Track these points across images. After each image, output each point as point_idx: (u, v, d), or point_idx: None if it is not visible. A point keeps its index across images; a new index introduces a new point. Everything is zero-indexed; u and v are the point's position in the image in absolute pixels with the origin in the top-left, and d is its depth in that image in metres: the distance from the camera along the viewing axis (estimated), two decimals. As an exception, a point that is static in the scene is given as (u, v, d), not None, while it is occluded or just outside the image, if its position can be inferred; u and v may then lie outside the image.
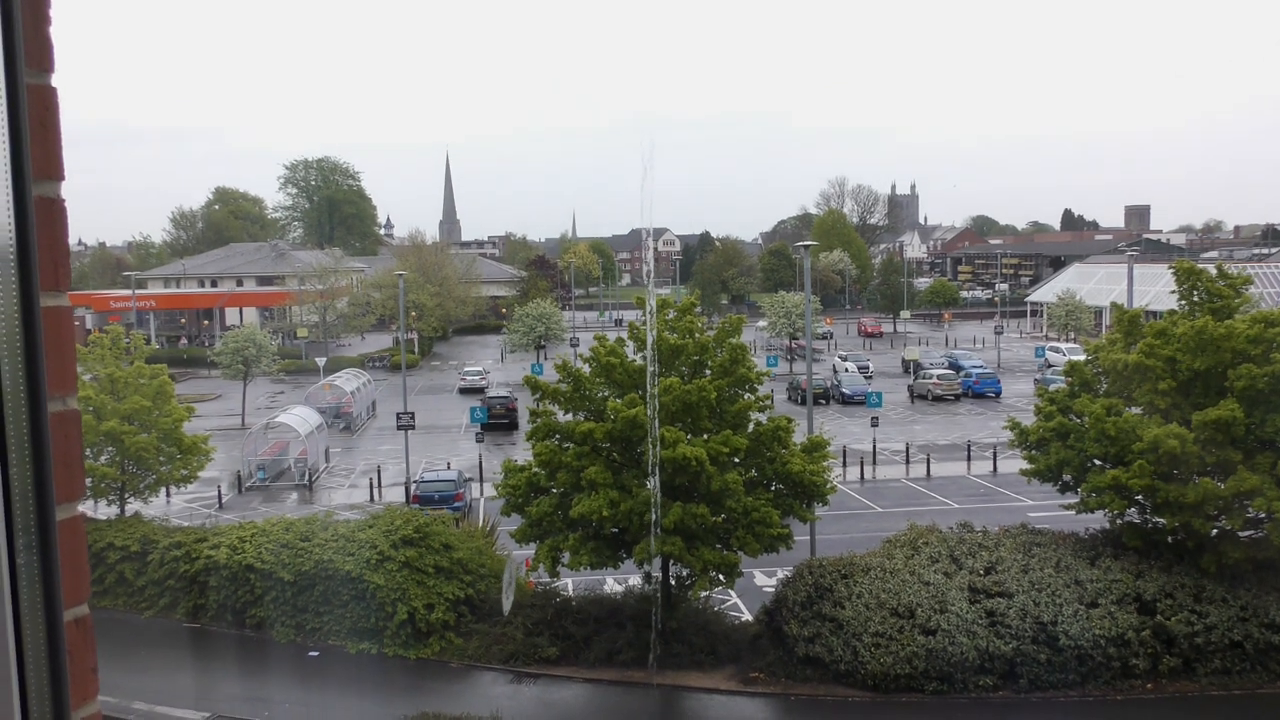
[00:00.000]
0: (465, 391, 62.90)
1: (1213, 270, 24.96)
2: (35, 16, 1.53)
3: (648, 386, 20.90)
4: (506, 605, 22.22)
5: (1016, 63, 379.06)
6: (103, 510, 29.23)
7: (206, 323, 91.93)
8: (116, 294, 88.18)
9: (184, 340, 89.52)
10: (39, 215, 1.49)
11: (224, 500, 37.50)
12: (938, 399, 57.63)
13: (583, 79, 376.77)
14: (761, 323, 77.77)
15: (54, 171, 1.57)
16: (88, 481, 27.27)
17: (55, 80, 1.59)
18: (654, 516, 19.94)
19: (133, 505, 29.39)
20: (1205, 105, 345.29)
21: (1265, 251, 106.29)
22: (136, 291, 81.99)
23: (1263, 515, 21.07)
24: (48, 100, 1.57)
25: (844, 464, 39.15)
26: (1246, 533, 21.79)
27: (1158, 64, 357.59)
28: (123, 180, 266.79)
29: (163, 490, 32.10)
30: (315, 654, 23.43)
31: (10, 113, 1.45)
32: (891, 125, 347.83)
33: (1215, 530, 21.80)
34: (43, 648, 1.46)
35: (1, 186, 1.44)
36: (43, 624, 1.46)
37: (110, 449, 28.15)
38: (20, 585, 1.44)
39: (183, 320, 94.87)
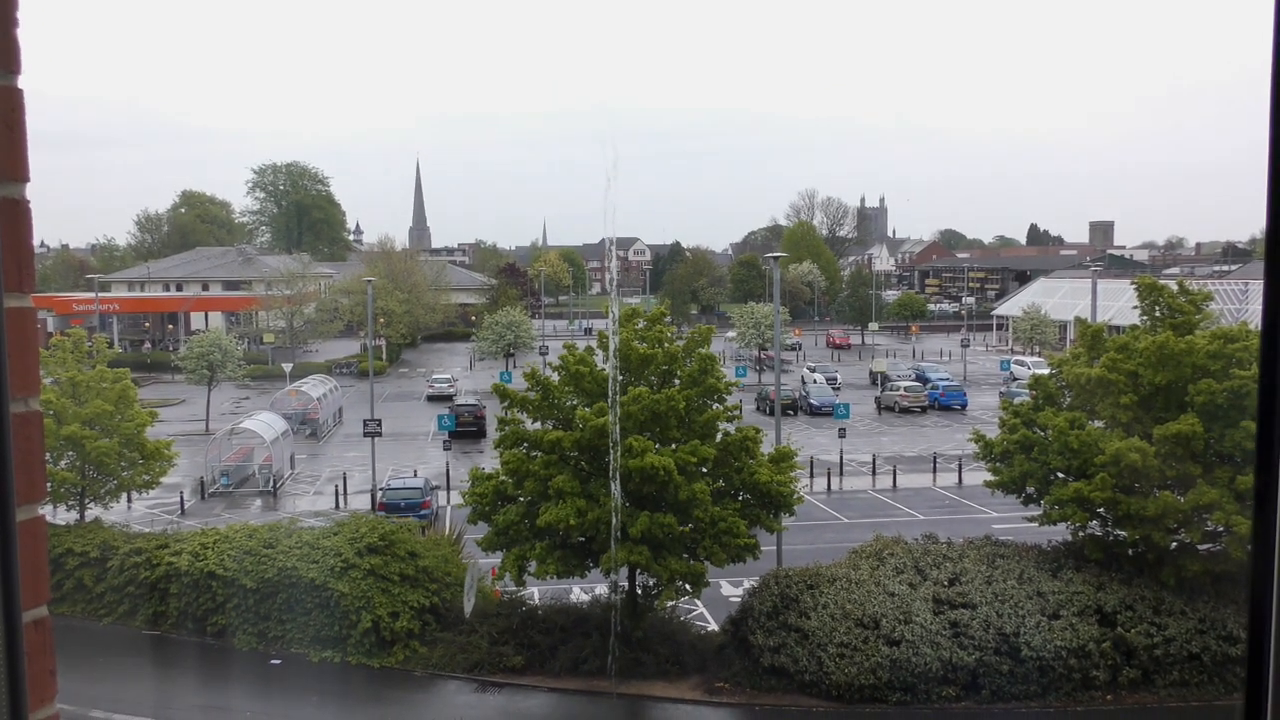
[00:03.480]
0: (433, 399, 62.59)
1: (1174, 286, 25.34)
2: (3, 18, 1.53)
3: (610, 395, 20.90)
4: (468, 608, 22.18)
5: (1004, 66, 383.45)
6: (62, 515, 28.79)
7: (171, 327, 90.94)
8: (79, 297, 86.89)
9: (148, 344, 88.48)
10: (2, 216, 1.48)
11: (186, 506, 37.06)
12: (904, 411, 58.04)
13: (555, 86, 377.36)
14: (731, 333, 78.02)
15: (19, 173, 1.57)
16: (47, 486, 26.84)
17: (21, 82, 1.59)
18: (614, 523, 19.93)
19: (93, 511, 28.96)
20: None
21: (1225, 268, 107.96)
22: (100, 294, 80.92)
23: (1220, 529, 21.36)
24: (14, 101, 1.56)
25: (811, 475, 39.28)
26: (1205, 546, 22.08)
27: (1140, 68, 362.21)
28: (87, 181, 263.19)
29: (124, 496, 31.69)
30: (277, 662, 23.19)
31: None
32: (861, 135, 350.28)
33: (1175, 543, 22.09)
34: (0, 649, 1.45)
35: None
36: (0, 625, 1.45)
37: (71, 453, 27.77)
38: None
39: (147, 324, 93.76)
